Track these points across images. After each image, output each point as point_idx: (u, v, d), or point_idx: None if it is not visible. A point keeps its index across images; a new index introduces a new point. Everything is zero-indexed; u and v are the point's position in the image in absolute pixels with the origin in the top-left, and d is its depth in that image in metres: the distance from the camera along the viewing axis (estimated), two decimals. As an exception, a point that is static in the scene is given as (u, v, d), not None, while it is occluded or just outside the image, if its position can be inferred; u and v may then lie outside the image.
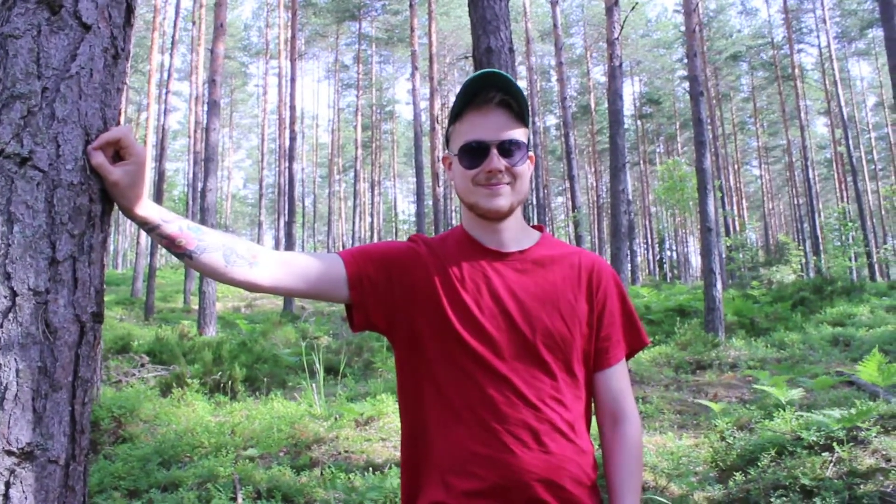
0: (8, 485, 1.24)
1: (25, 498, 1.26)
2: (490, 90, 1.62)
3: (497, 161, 1.61)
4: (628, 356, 1.78)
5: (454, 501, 1.52)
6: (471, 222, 1.74)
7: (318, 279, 1.63)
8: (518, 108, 1.65)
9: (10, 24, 1.40)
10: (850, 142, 32.03)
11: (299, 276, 1.62)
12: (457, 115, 1.68)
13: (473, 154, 1.63)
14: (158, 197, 23.48)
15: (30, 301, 1.31)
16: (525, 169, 1.67)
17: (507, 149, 1.63)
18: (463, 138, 1.65)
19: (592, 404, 1.74)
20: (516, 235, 1.72)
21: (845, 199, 43.70)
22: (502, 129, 1.63)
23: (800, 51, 44.16)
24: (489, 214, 1.66)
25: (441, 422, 1.59)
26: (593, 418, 1.74)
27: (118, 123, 1.55)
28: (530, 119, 1.66)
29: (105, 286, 1.57)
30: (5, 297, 1.28)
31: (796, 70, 38.79)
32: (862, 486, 3.99)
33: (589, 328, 1.69)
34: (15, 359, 1.27)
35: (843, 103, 32.70)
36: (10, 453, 1.24)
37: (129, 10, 1.61)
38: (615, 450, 1.68)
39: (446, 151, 1.78)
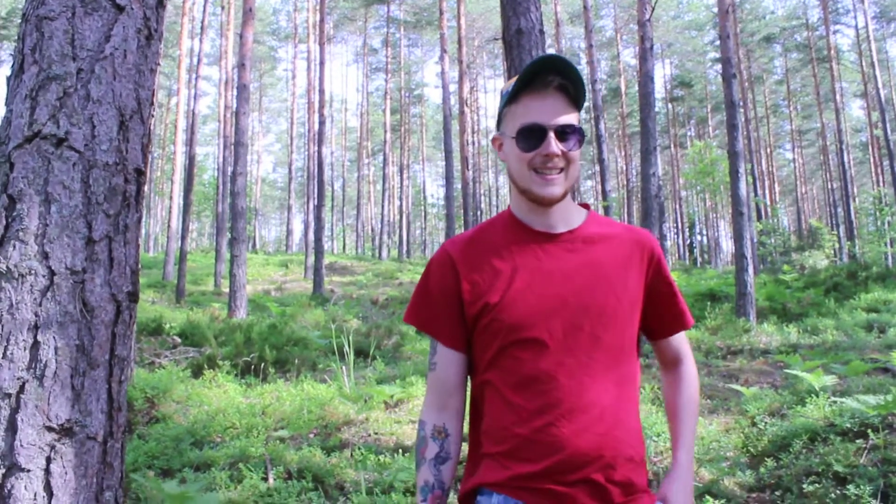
0: (49, 460, 1.25)
1: (66, 473, 1.27)
2: (549, 74, 1.62)
3: (554, 145, 1.61)
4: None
5: (509, 483, 1.55)
6: (520, 205, 1.74)
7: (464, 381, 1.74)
8: (575, 94, 1.65)
9: (46, 6, 1.41)
10: (888, 125, 31.35)
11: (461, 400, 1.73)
12: (513, 96, 1.68)
13: (530, 137, 1.63)
14: (189, 181, 23.68)
15: (67, 280, 1.32)
16: (578, 154, 1.67)
17: (564, 133, 1.63)
18: (519, 121, 1.65)
19: (640, 389, 1.78)
20: (565, 215, 1.72)
21: (881, 184, 42.85)
22: (559, 113, 1.63)
23: (836, 32, 43.26)
24: (542, 201, 1.67)
25: (495, 405, 1.62)
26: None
27: (152, 104, 1.55)
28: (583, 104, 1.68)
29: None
30: (44, 277, 1.29)
31: (832, 51, 38.04)
32: (897, 474, 3.93)
33: (644, 302, 1.72)
34: (54, 337, 1.28)
35: (880, 85, 31.98)
36: (50, 429, 1.26)
37: (162, -9, 1.61)
38: (675, 387, 1.81)
39: (497, 132, 1.78)
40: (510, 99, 1.69)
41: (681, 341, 1.83)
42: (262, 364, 8.77)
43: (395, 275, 29.13)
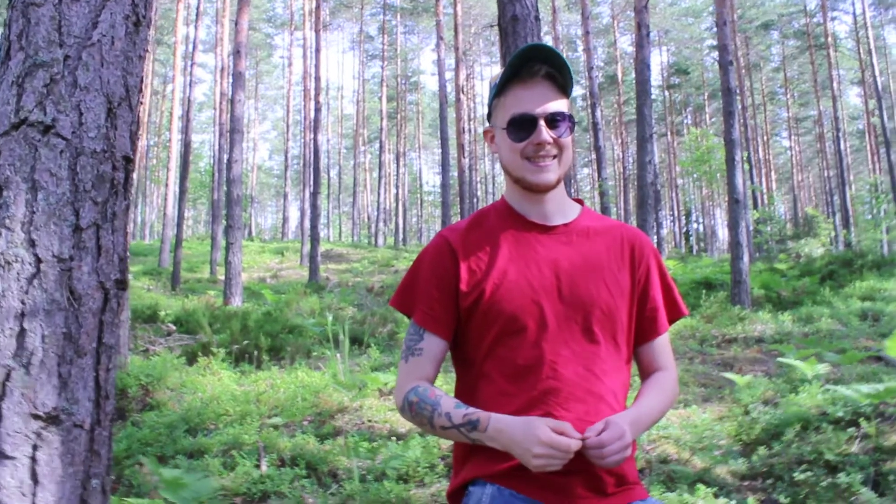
0: (35, 448, 1.25)
1: (52, 461, 1.27)
2: (535, 63, 1.62)
3: (545, 133, 1.62)
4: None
5: (503, 473, 1.54)
6: (514, 195, 1.75)
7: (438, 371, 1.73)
8: (562, 81, 1.65)
9: (32, -8, 1.40)
10: (885, 112, 31.39)
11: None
12: (502, 88, 1.68)
13: (521, 126, 1.63)
14: (184, 169, 23.61)
15: (54, 268, 1.31)
16: (570, 140, 1.68)
17: (554, 120, 1.63)
18: (509, 112, 1.65)
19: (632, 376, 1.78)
20: (560, 207, 1.73)
21: (877, 171, 42.89)
22: (548, 101, 1.63)
23: (833, 19, 43.23)
24: (537, 188, 1.67)
25: (490, 395, 1.62)
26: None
27: (140, 91, 1.54)
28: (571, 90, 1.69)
29: (130, 255, 1.59)
30: (30, 264, 1.29)
31: (829, 38, 37.97)
32: (888, 463, 3.95)
33: (632, 301, 1.71)
34: (41, 325, 1.28)
35: (877, 73, 31.95)
36: (36, 417, 1.26)
37: (151, -23, 1.60)
38: (649, 380, 1.75)
39: (487, 125, 1.78)
40: (499, 91, 1.69)
41: (665, 354, 1.79)
42: (257, 352, 8.78)
43: (391, 262, 29.13)
